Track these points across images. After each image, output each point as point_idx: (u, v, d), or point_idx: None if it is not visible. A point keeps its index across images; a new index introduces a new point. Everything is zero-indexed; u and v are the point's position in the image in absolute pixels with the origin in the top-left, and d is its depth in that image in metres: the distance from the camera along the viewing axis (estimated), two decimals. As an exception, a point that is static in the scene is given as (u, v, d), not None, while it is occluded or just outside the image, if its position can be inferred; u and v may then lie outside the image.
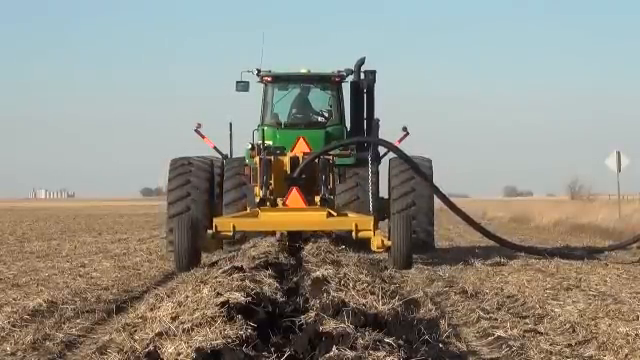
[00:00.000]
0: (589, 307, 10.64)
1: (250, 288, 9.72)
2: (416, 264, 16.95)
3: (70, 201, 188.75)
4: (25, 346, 8.71)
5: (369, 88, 21.17)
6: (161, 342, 7.40)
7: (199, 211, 19.20)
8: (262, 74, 20.74)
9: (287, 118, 21.07)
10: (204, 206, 19.65)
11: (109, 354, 7.89)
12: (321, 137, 20.18)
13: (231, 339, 7.18)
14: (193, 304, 8.88)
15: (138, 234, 30.78)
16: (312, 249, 15.92)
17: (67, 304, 11.29)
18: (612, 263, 17.31)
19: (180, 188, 19.74)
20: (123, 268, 16.34)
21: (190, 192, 19.68)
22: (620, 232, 27.27)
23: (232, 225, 16.42)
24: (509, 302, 11.42)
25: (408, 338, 7.98)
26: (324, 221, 16.75)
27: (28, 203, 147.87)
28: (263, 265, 12.84)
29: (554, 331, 9.29)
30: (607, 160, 36.01)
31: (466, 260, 17.23)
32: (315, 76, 21.18)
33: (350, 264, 13.78)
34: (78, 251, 21.46)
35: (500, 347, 8.64)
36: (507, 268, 15.93)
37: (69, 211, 77.08)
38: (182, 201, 19.63)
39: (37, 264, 17.39)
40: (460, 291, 12.73)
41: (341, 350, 6.86)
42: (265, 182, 17.35)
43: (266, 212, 16.90)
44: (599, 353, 8.16)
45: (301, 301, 9.91)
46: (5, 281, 14.29)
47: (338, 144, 18.92)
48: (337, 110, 21.10)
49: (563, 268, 15.95)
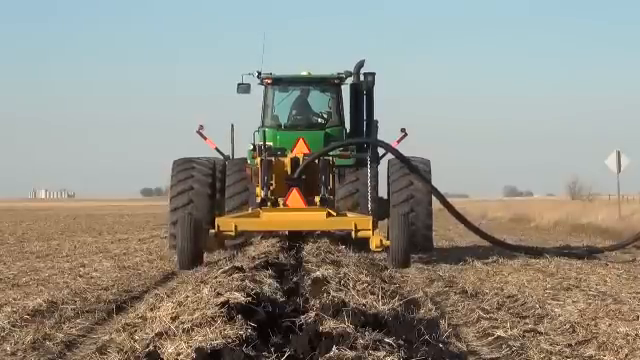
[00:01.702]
0: (589, 307, 10.64)
1: (250, 288, 9.72)
2: (416, 264, 16.97)
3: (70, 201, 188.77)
4: (25, 346, 8.71)
5: (368, 90, 21.38)
6: (161, 342, 7.40)
7: (201, 211, 19.37)
8: (263, 76, 21.00)
9: (287, 120, 21.28)
10: (206, 206, 19.84)
11: (109, 354, 7.89)
12: (321, 138, 20.39)
13: (231, 339, 7.18)
14: (193, 304, 8.88)
15: (138, 234, 30.77)
16: (312, 249, 15.94)
17: (67, 304, 11.28)
18: (612, 263, 17.32)
19: (183, 189, 19.94)
20: (123, 268, 16.33)
21: (192, 193, 19.89)
22: (620, 232, 27.27)
23: (234, 225, 16.54)
24: (509, 302, 11.41)
25: (408, 338, 7.97)
26: (324, 221, 16.90)
27: (28, 203, 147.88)
28: (263, 265, 12.84)
29: (554, 331, 9.29)
30: (607, 160, 36.04)
31: (466, 260, 17.25)
32: (315, 78, 21.43)
33: (350, 264, 13.78)
34: (78, 251, 21.45)
35: (500, 347, 8.64)
36: (507, 268, 15.93)
37: (69, 211, 77.11)
38: (184, 194, 19.85)
39: (37, 264, 17.39)
40: (460, 291, 12.73)
41: (341, 350, 6.86)
42: (266, 182, 17.70)
43: (267, 212, 17.09)
44: (599, 353, 8.15)
45: (301, 301, 9.90)
46: (5, 281, 14.29)
47: (337, 145, 19.11)
48: (337, 112, 21.30)
49: (563, 268, 15.94)
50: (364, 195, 19.59)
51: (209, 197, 20.03)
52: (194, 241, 16.06)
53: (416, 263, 17.15)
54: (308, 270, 12.88)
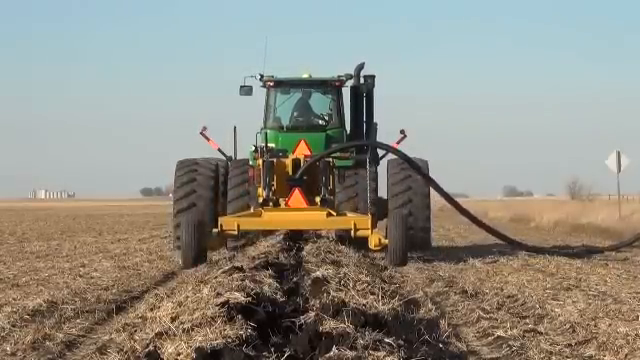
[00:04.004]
0: (589, 307, 10.64)
1: (250, 288, 9.72)
2: (416, 264, 16.99)
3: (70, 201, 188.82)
4: (25, 346, 8.70)
5: (368, 92, 21.75)
6: (161, 342, 7.40)
7: (204, 210, 19.70)
8: (265, 79, 21.38)
9: (289, 121, 21.67)
10: (209, 205, 20.14)
11: (109, 354, 7.89)
12: (322, 140, 20.75)
13: (231, 339, 7.17)
14: (193, 304, 8.89)
15: (138, 234, 30.79)
16: (312, 249, 15.98)
17: (67, 304, 11.28)
18: (612, 263, 17.32)
19: (186, 186, 20.24)
20: (123, 268, 16.34)
21: (196, 190, 20.20)
22: (620, 232, 27.27)
23: (236, 224, 16.76)
24: (509, 302, 11.41)
25: (408, 338, 7.98)
26: (324, 220, 17.14)
27: (28, 203, 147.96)
28: (263, 265, 12.86)
29: (554, 331, 9.28)
30: (607, 160, 36.05)
31: (466, 260, 17.26)
32: (316, 81, 21.79)
33: (350, 264, 13.80)
34: (78, 251, 21.46)
35: (500, 347, 8.64)
36: (507, 268, 15.93)
37: (69, 211, 77.12)
38: (188, 198, 20.13)
39: (37, 264, 17.39)
40: (460, 291, 12.73)
41: (341, 350, 6.85)
42: (268, 183, 18.02)
43: (269, 212, 17.35)
44: (599, 353, 8.15)
45: (301, 301, 9.90)
46: (5, 281, 14.29)
47: (339, 147, 19.42)
48: (337, 114, 21.64)
49: (563, 268, 15.94)
50: (363, 195, 19.75)
51: (212, 199, 20.31)
52: (198, 240, 16.31)
53: (416, 263, 17.17)
54: (308, 270, 12.90)
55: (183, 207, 19.94)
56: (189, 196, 20.12)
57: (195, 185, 20.23)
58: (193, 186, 20.21)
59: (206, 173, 20.45)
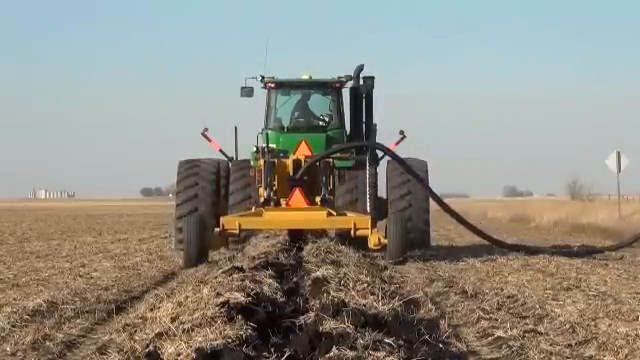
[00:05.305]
0: (589, 307, 10.63)
1: (250, 288, 9.72)
2: (416, 264, 17.01)
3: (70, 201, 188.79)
4: (25, 346, 8.70)
5: (368, 93, 21.86)
6: (161, 342, 7.40)
7: (206, 210, 19.98)
8: (266, 80, 21.52)
9: (290, 122, 21.81)
10: (211, 206, 20.42)
11: (109, 354, 7.88)
12: (322, 140, 20.91)
13: (231, 339, 7.17)
14: (193, 304, 8.88)
15: (138, 234, 30.79)
16: (312, 249, 15.99)
17: (67, 304, 11.27)
18: (612, 263, 17.32)
19: (188, 189, 20.52)
20: (123, 268, 16.34)
21: (198, 193, 20.47)
22: (620, 232, 27.27)
23: (238, 223, 16.93)
24: (509, 302, 11.41)
25: (408, 338, 7.97)
26: (324, 220, 17.34)
27: (28, 203, 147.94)
28: (263, 265, 12.84)
29: (554, 331, 9.28)
30: (607, 160, 36.07)
31: (466, 260, 17.27)
32: (316, 82, 21.93)
33: (350, 264, 13.79)
34: (78, 251, 21.46)
35: (500, 347, 8.63)
36: (507, 268, 15.93)
37: (69, 211, 77.12)
38: (190, 202, 20.41)
39: (37, 264, 17.39)
40: (460, 291, 12.73)
41: (341, 350, 6.85)
42: (269, 183, 18.20)
43: (270, 212, 17.54)
44: (599, 353, 8.15)
45: (301, 301, 9.89)
46: (5, 281, 14.29)
47: (339, 148, 19.58)
48: (337, 114, 21.78)
49: (563, 268, 15.94)
50: (363, 195, 19.85)
51: (213, 201, 20.55)
52: (200, 240, 16.48)
53: (416, 263, 17.19)
54: (308, 270, 12.89)
55: (185, 208, 20.13)
56: (191, 196, 20.33)
57: (197, 186, 20.45)
58: (195, 188, 20.43)
59: (208, 174, 20.67)
